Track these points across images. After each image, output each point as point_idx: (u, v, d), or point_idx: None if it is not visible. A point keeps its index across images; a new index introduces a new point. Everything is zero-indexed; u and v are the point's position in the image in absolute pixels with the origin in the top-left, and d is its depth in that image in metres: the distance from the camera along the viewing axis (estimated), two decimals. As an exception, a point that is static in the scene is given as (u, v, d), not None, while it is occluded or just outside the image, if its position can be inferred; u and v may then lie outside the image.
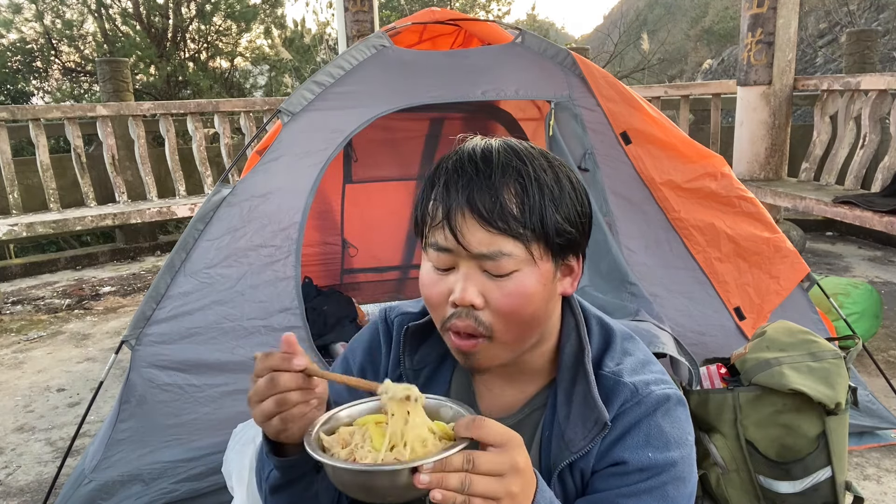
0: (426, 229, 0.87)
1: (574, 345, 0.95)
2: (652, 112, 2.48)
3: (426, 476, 0.68)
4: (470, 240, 0.83)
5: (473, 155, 0.86)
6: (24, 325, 4.16)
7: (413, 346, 1.02)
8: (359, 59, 2.41)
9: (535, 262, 0.85)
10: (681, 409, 0.91)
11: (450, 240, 0.84)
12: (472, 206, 0.82)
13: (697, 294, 2.44)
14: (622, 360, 0.94)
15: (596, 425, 0.88)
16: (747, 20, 4.64)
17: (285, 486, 0.92)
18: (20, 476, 2.48)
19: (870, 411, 2.44)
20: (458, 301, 0.84)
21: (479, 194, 0.82)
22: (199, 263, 2.18)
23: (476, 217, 0.82)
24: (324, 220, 3.64)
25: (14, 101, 9.46)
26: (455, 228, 0.83)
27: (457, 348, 0.88)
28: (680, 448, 0.88)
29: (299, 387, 0.81)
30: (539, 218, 0.83)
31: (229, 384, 2.13)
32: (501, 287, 0.84)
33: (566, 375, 0.93)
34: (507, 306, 0.84)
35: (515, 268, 0.84)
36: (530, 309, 0.86)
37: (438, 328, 0.91)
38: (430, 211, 0.86)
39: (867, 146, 4.23)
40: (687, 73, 17.13)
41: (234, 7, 10.00)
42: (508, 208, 0.82)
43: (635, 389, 0.90)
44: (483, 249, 0.83)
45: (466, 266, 0.85)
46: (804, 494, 1.82)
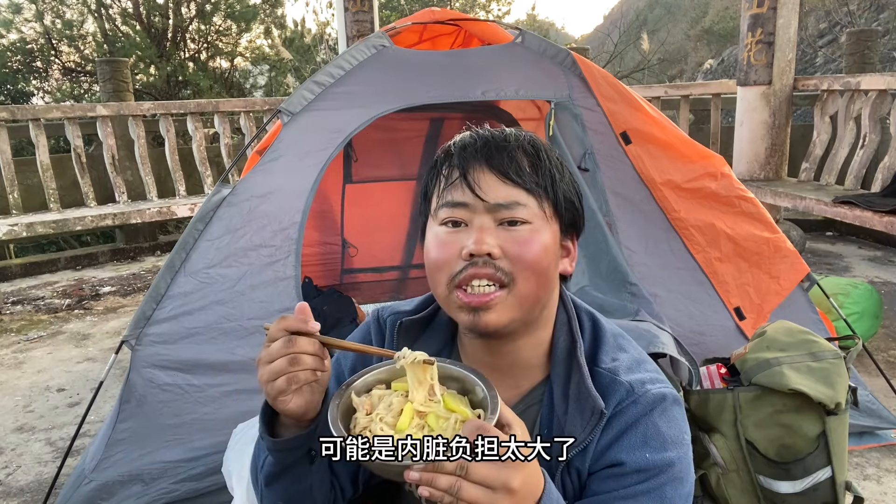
0: (439, 191, 0.91)
1: (566, 339, 0.96)
2: (652, 112, 2.48)
3: (415, 473, 0.69)
4: (487, 192, 0.87)
5: (486, 130, 0.94)
6: (24, 325, 4.16)
7: (407, 343, 1.02)
8: (359, 59, 2.41)
9: (546, 219, 0.90)
10: (677, 409, 0.91)
11: (467, 193, 0.88)
12: (489, 162, 0.88)
13: (697, 294, 2.44)
14: (618, 355, 0.95)
15: (593, 415, 0.89)
16: (747, 20, 4.64)
17: (279, 476, 0.92)
18: (20, 476, 2.48)
19: (870, 411, 2.44)
20: (476, 250, 0.85)
21: (497, 154, 0.89)
22: (199, 263, 2.18)
23: (494, 171, 0.88)
24: (324, 220, 3.64)
25: (14, 101, 9.46)
26: (473, 183, 0.87)
27: (467, 304, 0.87)
28: (677, 448, 0.88)
29: (315, 352, 0.83)
30: (550, 180, 0.90)
31: (229, 384, 2.13)
32: (516, 237, 0.87)
33: (560, 370, 0.94)
34: (525, 253, 0.87)
35: (529, 219, 0.88)
36: (545, 260, 0.89)
37: (443, 291, 0.90)
38: (445, 173, 0.91)
39: (867, 146, 4.23)
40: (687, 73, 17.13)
41: (234, 7, 10.00)
42: (523, 165, 0.89)
43: (631, 388, 0.90)
44: (500, 198, 0.87)
45: (481, 219, 0.88)
46: (804, 494, 1.82)
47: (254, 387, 2.12)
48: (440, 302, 0.93)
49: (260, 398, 0.92)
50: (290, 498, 0.94)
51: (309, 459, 0.91)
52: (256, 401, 2.20)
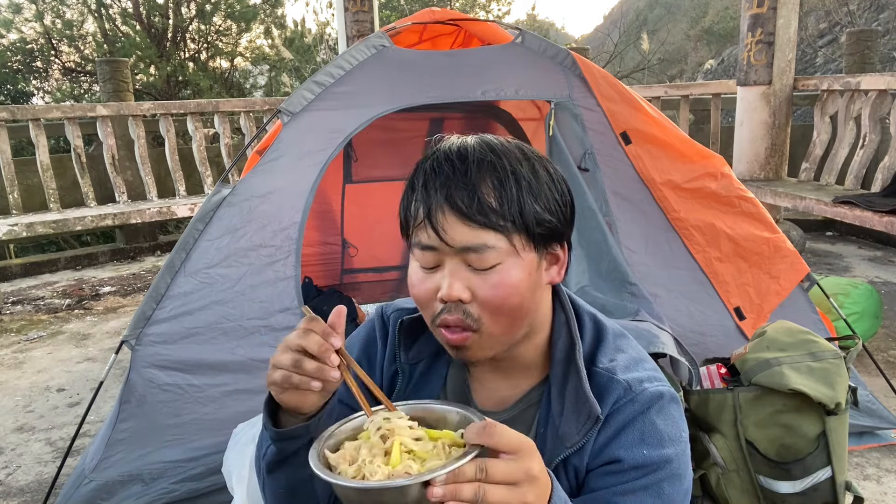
0: (410, 230, 0.89)
1: (565, 340, 0.95)
2: (652, 112, 2.48)
3: (440, 489, 0.67)
4: (453, 236, 0.84)
5: (449, 154, 0.87)
6: (24, 325, 4.16)
7: (409, 342, 1.03)
8: (359, 59, 2.41)
9: (517, 253, 0.86)
10: (674, 407, 0.91)
11: (433, 237, 0.85)
12: (451, 204, 0.84)
13: (697, 294, 2.44)
14: (615, 356, 0.94)
15: (589, 419, 0.89)
16: (747, 20, 4.64)
17: (282, 464, 0.92)
18: (20, 476, 2.48)
19: (870, 411, 2.44)
20: (446, 297, 0.86)
21: (458, 191, 0.84)
22: (199, 263, 2.18)
23: (456, 213, 0.84)
24: (324, 220, 3.64)
25: (14, 101, 9.45)
26: (437, 226, 0.84)
27: (448, 343, 0.89)
28: (674, 445, 0.88)
29: (320, 357, 0.82)
30: (518, 209, 0.85)
31: (229, 384, 2.13)
32: (486, 280, 0.85)
33: (558, 371, 0.94)
34: (494, 298, 0.85)
35: (498, 260, 0.85)
36: (516, 300, 0.87)
37: (429, 325, 0.92)
38: (412, 212, 0.88)
39: (867, 146, 4.23)
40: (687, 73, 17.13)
41: (234, 7, 10.00)
42: (487, 202, 0.84)
43: (628, 387, 0.90)
44: (466, 243, 0.84)
45: (451, 263, 0.86)
46: (804, 494, 1.82)
47: (254, 387, 2.12)
48: (431, 330, 0.94)
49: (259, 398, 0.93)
50: (291, 486, 0.95)
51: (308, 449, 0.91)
52: (256, 401, 2.20)
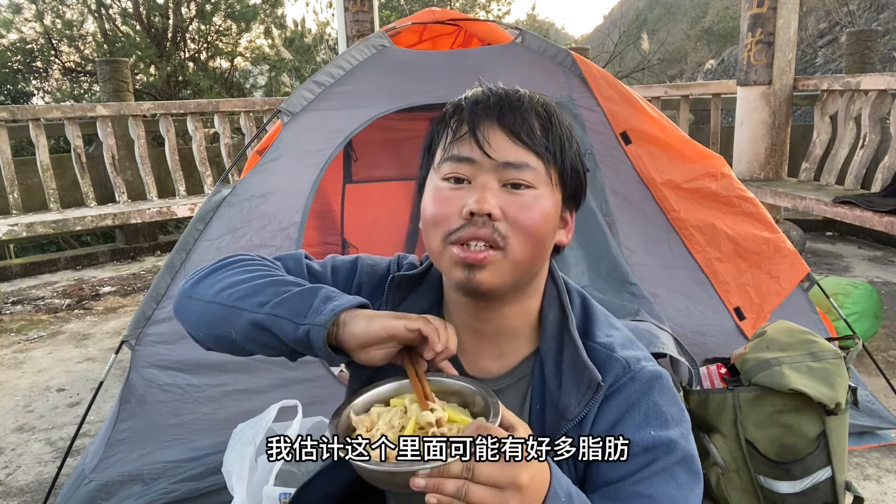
0: (445, 144, 0.89)
1: (557, 312, 0.95)
2: (652, 112, 2.48)
3: (421, 480, 0.68)
4: (497, 149, 0.85)
5: (500, 87, 0.91)
6: (24, 325, 4.16)
7: (398, 298, 1.01)
8: (359, 59, 2.41)
9: (551, 185, 0.88)
10: (671, 386, 0.91)
11: (475, 149, 0.86)
12: (501, 121, 0.86)
13: (697, 294, 2.44)
14: (611, 332, 0.94)
15: (589, 388, 0.88)
16: (747, 20, 4.64)
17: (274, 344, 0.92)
18: (20, 476, 2.48)
19: (870, 411, 2.44)
20: (476, 209, 0.84)
21: (511, 112, 0.87)
22: (199, 263, 2.17)
23: (505, 130, 0.86)
24: (324, 220, 3.64)
25: (14, 101, 9.45)
26: (482, 138, 0.85)
27: (463, 260, 0.86)
28: (678, 426, 0.88)
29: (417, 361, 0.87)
30: (560, 146, 0.88)
31: (229, 384, 2.13)
32: (519, 200, 0.85)
33: (552, 344, 0.93)
34: (525, 219, 0.85)
35: (534, 184, 0.86)
36: (543, 228, 0.87)
37: (437, 246, 0.88)
38: (453, 126, 0.89)
39: (867, 146, 4.23)
40: (687, 73, 17.13)
41: (234, 7, 9.99)
42: (535, 128, 0.87)
43: (627, 365, 0.89)
44: (509, 158, 0.85)
45: (485, 177, 0.86)
46: (804, 494, 1.82)
47: (254, 387, 2.12)
48: (433, 258, 0.92)
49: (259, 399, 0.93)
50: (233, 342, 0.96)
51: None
52: (256, 401, 2.20)
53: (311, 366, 2.16)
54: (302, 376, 2.16)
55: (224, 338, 0.96)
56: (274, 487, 1.62)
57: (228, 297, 0.95)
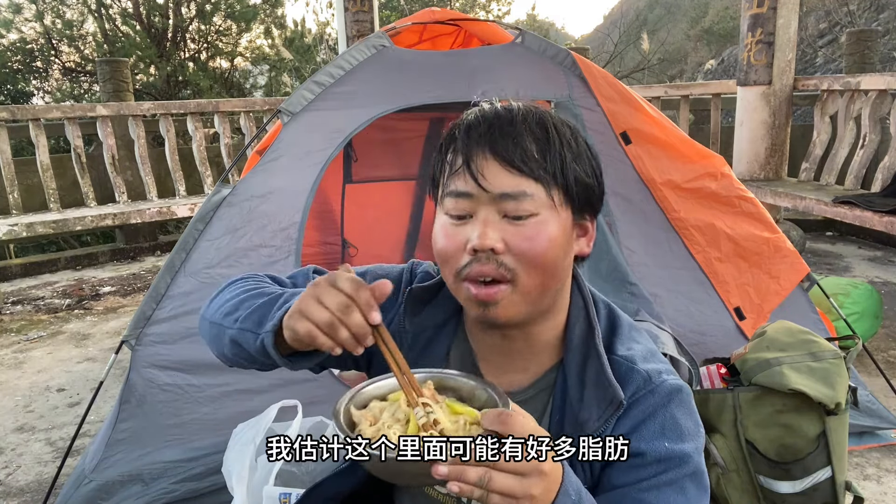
0: (444, 178, 0.88)
1: (583, 325, 0.93)
2: (652, 112, 2.48)
3: (444, 468, 0.67)
4: (492, 181, 0.83)
5: (493, 108, 0.88)
6: (24, 325, 4.16)
7: (416, 309, 1.00)
8: (359, 59, 2.41)
9: (555, 207, 0.85)
10: (691, 401, 0.91)
11: (470, 183, 0.84)
12: (493, 150, 0.83)
13: (697, 294, 2.44)
14: (632, 346, 0.93)
15: (610, 405, 0.87)
16: (747, 20, 4.64)
17: (250, 354, 0.91)
18: (20, 476, 2.48)
19: (870, 411, 2.44)
20: (479, 245, 0.83)
21: (502, 139, 0.84)
22: (199, 263, 2.18)
23: (498, 159, 0.83)
24: (324, 220, 3.64)
25: (14, 101, 9.44)
26: (476, 171, 0.83)
27: (475, 298, 0.86)
28: (694, 440, 0.87)
29: (357, 335, 0.79)
30: (560, 164, 0.85)
31: (229, 384, 2.13)
32: (522, 231, 0.84)
33: (576, 357, 0.92)
34: (530, 249, 0.83)
35: (535, 210, 0.84)
36: (551, 254, 0.85)
37: (451, 283, 0.89)
38: (450, 160, 0.87)
39: (867, 146, 4.23)
40: (687, 73, 17.13)
41: (234, 7, 9.99)
42: (530, 151, 0.84)
43: (648, 377, 0.89)
44: (505, 188, 0.83)
45: (485, 212, 0.84)
46: (804, 494, 1.83)
47: (254, 387, 2.12)
48: (450, 290, 0.91)
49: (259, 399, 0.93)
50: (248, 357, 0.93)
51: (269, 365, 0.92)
52: (256, 401, 2.20)
53: (311, 366, 2.16)
54: (302, 376, 2.15)
55: (226, 355, 0.97)
56: (274, 487, 1.63)
57: (218, 315, 0.96)
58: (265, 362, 0.90)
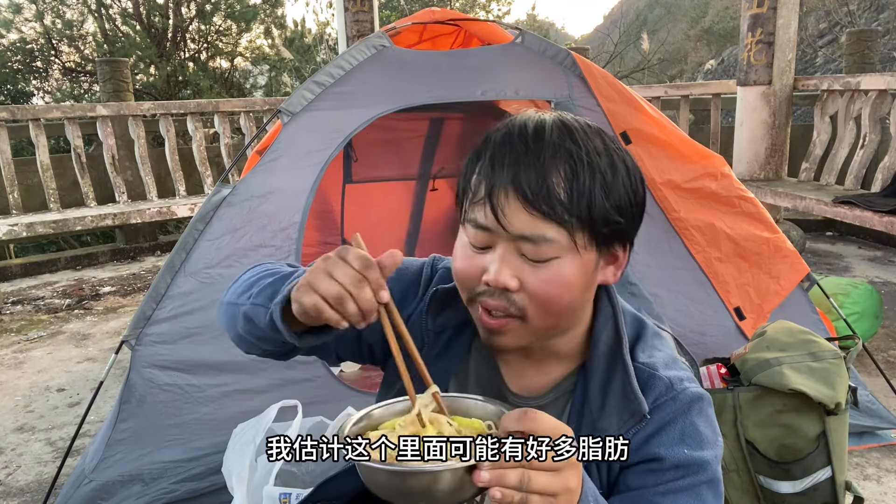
0: (466, 203, 0.84)
1: (610, 334, 0.91)
2: (652, 112, 2.48)
3: (486, 473, 0.65)
4: (511, 220, 0.79)
5: (524, 130, 0.82)
6: (24, 325, 4.16)
7: (438, 308, 0.98)
8: (359, 59, 2.41)
9: (577, 250, 0.81)
10: (711, 410, 0.90)
11: (490, 218, 0.80)
12: (516, 186, 0.78)
13: (697, 294, 2.44)
14: (653, 353, 0.92)
15: (633, 417, 0.86)
16: (747, 20, 4.64)
17: (261, 329, 0.90)
18: (20, 476, 2.48)
19: (870, 411, 2.44)
20: (492, 282, 0.81)
21: (526, 174, 0.78)
22: (199, 263, 2.18)
23: (520, 198, 0.78)
24: (324, 220, 3.64)
25: (14, 101, 9.45)
26: (496, 207, 0.79)
27: (484, 325, 0.85)
28: (713, 448, 0.87)
29: (364, 311, 0.77)
30: (587, 205, 0.79)
31: (229, 384, 2.13)
32: (538, 273, 0.81)
33: (601, 364, 0.90)
34: (543, 293, 0.81)
35: (556, 255, 0.80)
36: (567, 299, 0.83)
37: (465, 300, 0.88)
38: (473, 186, 0.83)
39: (867, 146, 4.23)
40: (687, 73, 17.13)
41: (234, 7, 9.99)
42: (555, 192, 0.78)
43: (670, 384, 0.88)
44: (525, 231, 0.79)
45: (504, 247, 0.81)
46: (804, 494, 1.83)
47: (254, 387, 2.12)
48: (466, 305, 0.90)
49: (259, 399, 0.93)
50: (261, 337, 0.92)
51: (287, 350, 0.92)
52: (256, 401, 2.20)
53: (311, 366, 2.16)
54: (302, 376, 2.16)
55: (241, 335, 0.96)
56: (274, 487, 1.63)
57: (233, 296, 0.97)
58: (276, 339, 0.89)
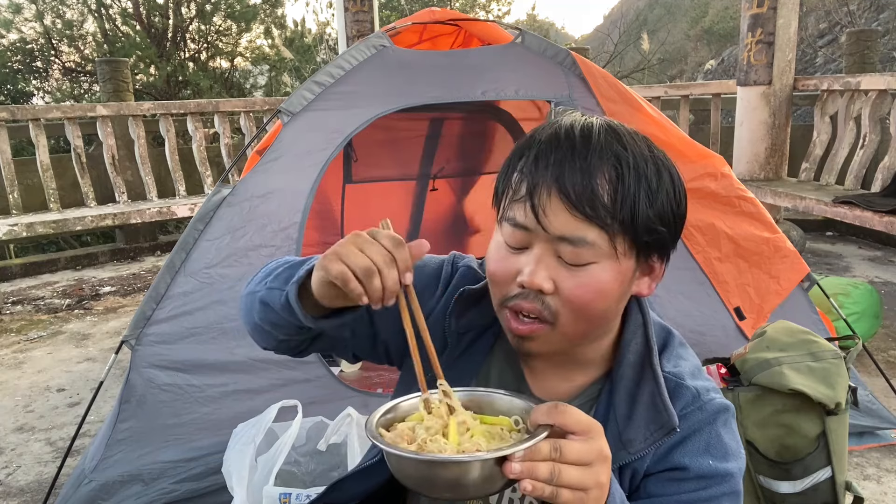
0: (505, 200, 0.83)
1: (640, 344, 0.90)
2: (652, 112, 2.48)
3: (518, 465, 0.66)
4: (552, 220, 0.77)
5: (571, 131, 0.81)
6: (24, 325, 4.16)
7: (462, 310, 0.96)
8: (359, 59, 2.41)
9: (616, 257, 0.79)
10: (734, 422, 0.90)
11: (529, 217, 0.79)
12: (560, 186, 0.77)
13: (697, 294, 2.44)
14: (678, 363, 0.91)
15: (661, 429, 0.84)
16: (747, 20, 4.64)
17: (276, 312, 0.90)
18: (20, 476, 2.48)
19: (870, 411, 2.44)
20: (527, 283, 0.80)
21: (571, 174, 0.77)
22: (199, 263, 2.18)
23: (563, 198, 0.77)
24: (324, 220, 3.64)
25: (14, 101, 9.44)
26: (537, 206, 0.78)
27: (513, 331, 0.84)
28: (736, 460, 0.86)
29: (388, 289, 0.76)
30: (630, 210, 0.78)
31: (229, 384, 2.13)
32: (575, 277, 0.79)
33: (629, 374, 0.89)
34: (579, 298, 0.80)
35: (594, 259, 0.79)
36: (601, 306, 0.81)
37: (495, 305, 0.87)
38: (514, 183, 0.81)
39: (867, 146, 4.23)
40: (687, 73, 17.13)
41: (234, 7, 9.99)
42: (599, 195, 0.76)
43: (697, 394, 0.87)
44: (565, 232, 0.77)
45: (541, 248, 0.79)
46: (804, 494, 1.83)
47: (254, 387, 2.12)
48: (495, 309, 0.89)
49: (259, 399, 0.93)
50: (275, 323, 0.92)
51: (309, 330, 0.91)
52: (256, 401, 2.20)
53: (310, 366, 2.16)
54: (302, 376, 2.16)
55: (256, 323, 0.96)
56: (274, 487, 1.63)
57: (251, 286, 0.97)
58: (291, 323, 0.88)
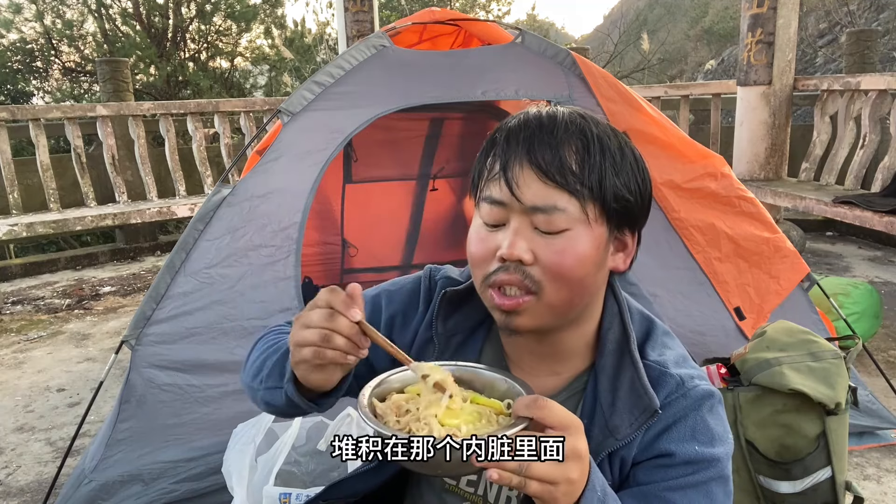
0: (481, 183, 0.87)
1: (617, 331, 0.93)
2: (652, 112, 2.48)
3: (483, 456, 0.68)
4: (525, 192, 0.82)
5: (539, 114, 0.87)
6: (24, 325, 4.16)
7: (448, 312, 1.00)
8: (359, 59, 2.41)
9: (588, 223, 0.83)
10: (722, 408, 0.91)
11: (504, 191, 0.83)
12: (531, 157, 0.82)
13: (697, 294, 2.44)
14: (664, 351, 0.93)
15: (644, 413, 0.87)
16: (747, 20, 4.64)
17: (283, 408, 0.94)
18: (20, 476, 2.48)
19: (870, 411, 2.44)
20: (507, 255, 0.83)
21: (540, 148, 0.82)
22: (199, 263, 2.18)
23: (534, 168, 0.82)
24: (324, 220, 3.64)
25: (14, 101, 9.45)
26: (511, 179, 0.82)
27: (498, 307, 0.86)
28: (723, 445, 0.87)
29: (350, 335, 0.80)
30: (598, 178, 0.83)
31: (229, 384, 2.13)
32: (552, 244, 0.83)
33: (610, 362, 0.91)
34: (557, 264, 0.83)
35: (568, 226, 0.82)
36: (581, 271, 0.84)
37: (479, 287, 0.89)
38: (488, 165, 0.87)
39: (867, 146, 4.23)
40: (687, 73, 17.13)
41: (234, 7, 9.99)
42: (568, 163, 0.82)
43: (681, 381, 0.89)
44: (537, 202, 0.82)
45: (517, 221, 0.83)
46: (804, 494, 1.83)
47: (254, 387, 2.12)
48: (479, 293, 0.91)
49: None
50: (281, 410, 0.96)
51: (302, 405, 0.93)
52: (256, 401, 2.17)
53: (311, 366, 2.16)
54: (302, 376, 2.16)
55: (268, 412, 1.01)
56: (274, 487, 1.63)
57: (248, 378, 1.00)
58: (300, 408, 0.92)
